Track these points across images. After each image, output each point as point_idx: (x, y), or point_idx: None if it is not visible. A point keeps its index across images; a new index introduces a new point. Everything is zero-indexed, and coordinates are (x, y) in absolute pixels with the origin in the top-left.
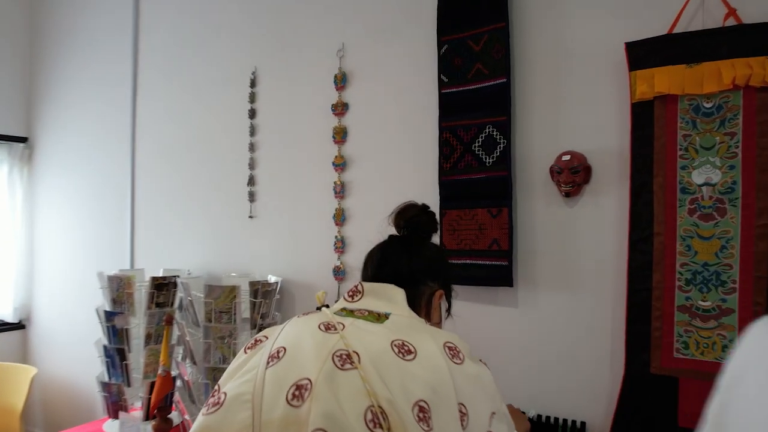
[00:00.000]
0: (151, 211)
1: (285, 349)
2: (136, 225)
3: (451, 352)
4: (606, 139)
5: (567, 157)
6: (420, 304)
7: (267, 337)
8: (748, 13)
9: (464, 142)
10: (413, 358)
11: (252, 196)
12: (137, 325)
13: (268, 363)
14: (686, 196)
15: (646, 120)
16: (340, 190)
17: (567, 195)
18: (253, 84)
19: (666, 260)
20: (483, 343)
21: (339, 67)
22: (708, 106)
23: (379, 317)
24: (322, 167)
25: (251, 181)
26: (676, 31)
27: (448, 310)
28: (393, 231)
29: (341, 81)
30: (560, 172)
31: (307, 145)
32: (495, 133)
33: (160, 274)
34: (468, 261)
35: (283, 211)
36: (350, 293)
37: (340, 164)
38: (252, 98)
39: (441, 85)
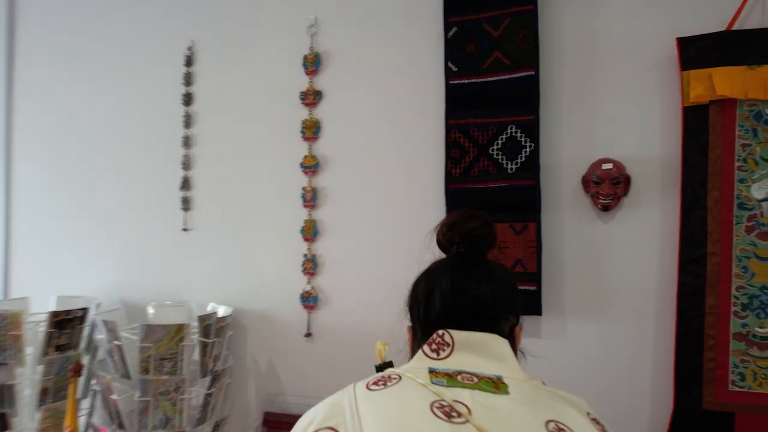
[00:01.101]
0: (37, 221)
1: None
2: (11, 238)
3: (599, 427)
4: (649, 146)
5: (608, 166)
6: None
7: None
8: None
9: (479, 144)
10: None
11: (187, 204)
12: (27, 379)
13: None
14: (744, 212)
15: (701, 126)
16: (312, 198)
17: (605, 209)
18: (189, 62)
19: (721, 283)
20: None
21: (310, 47)
22: None
23: (496, 385)
24: (287, 169)
25: (186, 185)
26: (735, 28)
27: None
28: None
29: (313, 64)
30: (599, 183)
31: (265, 141)
32: (519, 134)
33: (55, 306)
34: None
35: (231, 223)
36: (433, 347)
37: (312, 166)
38: (188, 80)
39: (449, 74)
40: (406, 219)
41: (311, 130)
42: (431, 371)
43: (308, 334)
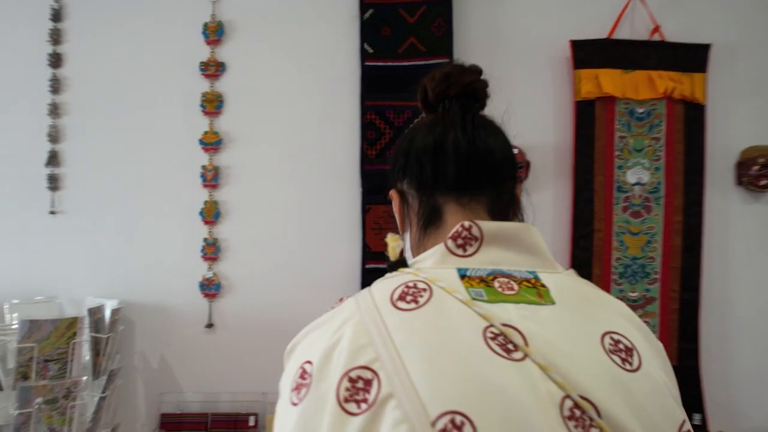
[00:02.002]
0: None
1: (466, 418)
2: None
3: (645, 331)
4: (546, 136)
5: (515, 151)
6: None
7: (372, 379)
8: (670, 30)
9: (395, 126)
10: (638, 368)
11: (54, 182)
12: None
13: None
14: (621, 194)
15: (589, 119)
16: (213, 178)
17: None
18: (56, 17)
19: (604, 255)
20: None
21: (212, 14)
22: (640, 111)
23: (538, 291)
24: (183, 145)
25: (53, 160)
26: (614, 37)
27: None
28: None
29: (216, 33)
30: None
31: (156, 112)
32: None
33: None
34: None
35: (113, 204)
36: (459, 242)
37: (214, 143)
38: (55, 38)
39: (365, 56)
40: (317, 200)
41: (213, 104)
42: (462, 276)
43: (210, 325)
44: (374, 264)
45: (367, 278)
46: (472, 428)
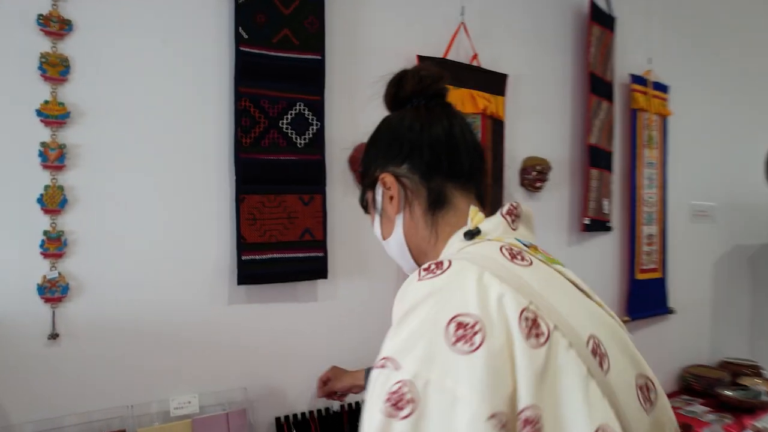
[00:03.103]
0: None
1: (598, 339)
2: None
3: None
4: None
5: None
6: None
7: (536, 317)
8: (484, 59)
9: (270, 116)
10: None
11: None
12: None
13: (601, 366)
14: None
15: None
16: (57, 158)
17: None
18: None
19: None
20: (288, 343)
21: None
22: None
23: (544, 255)
24: (11, 117)
25: None
26: (447, 57)
27: None
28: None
29: None
30: None
31: None
32: (307, 112)
33: None
34: (276, 255)
35: None
36: (511, 217)
37: (58, 116)
38: None
39: (239, 40)
40: (183, 188)
41: (56, 69)
42: (523, 245)
43: (54, 336)
44: (252, 255)
45: (246, 271)
46: (603, 346)
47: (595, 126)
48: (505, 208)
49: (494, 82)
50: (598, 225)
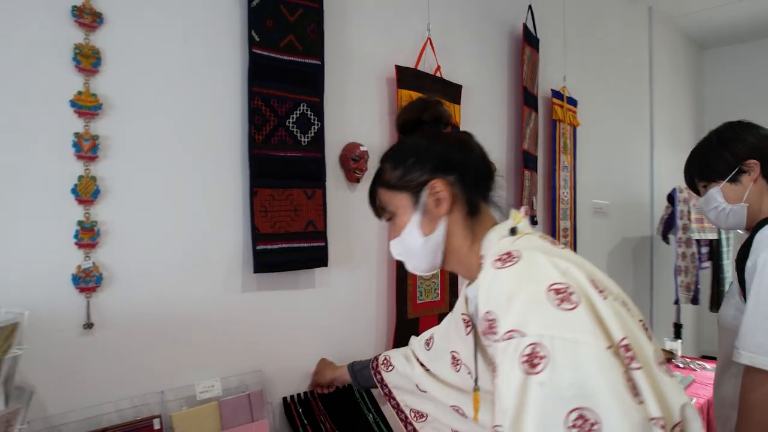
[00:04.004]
0: None
1: (623, 299)
2: None
3: None
4: (381, 137)
5: (365, 148)
6: None
7: (593, 280)
8: (445, 70)
9: (279, 115)
10: None
11: None
12: None
13: (628, 310)
14: None
15: None
16: (91, 149)
17: (357, 181)
18: None
19: None
20: (292, 326)
21: None
22: None
23: None
24: (47, 107)
25: None
26: (418, 68)
27: None
28: None
29: None
30: (357, 160)
31: (10, 60)
32: (309, 113)
33: None
34: (285, 245)
35: None
36: (527, 215)
37: (91, 107)
38: None
39: (252, 42)
40: (203, 181)
41: (89, 61)
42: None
43: (89, 325)
44: (265, 245)
45: (262, 259)
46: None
47: (527, 133)
48: (522, 210)
49: (452, 92)
50: (529, 219)
